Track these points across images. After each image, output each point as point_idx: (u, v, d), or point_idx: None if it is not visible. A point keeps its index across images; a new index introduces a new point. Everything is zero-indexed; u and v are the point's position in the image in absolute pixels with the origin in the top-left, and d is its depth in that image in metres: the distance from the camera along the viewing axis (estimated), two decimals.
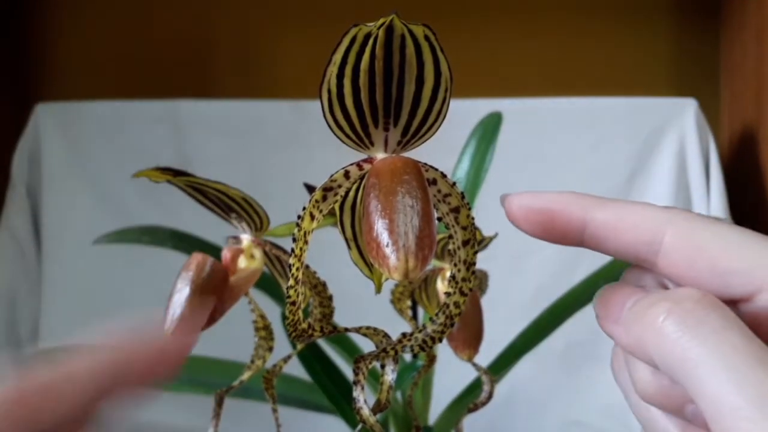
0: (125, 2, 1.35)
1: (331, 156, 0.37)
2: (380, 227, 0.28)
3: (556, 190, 0.31)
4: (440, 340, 0.33)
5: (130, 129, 1.23)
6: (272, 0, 1.34)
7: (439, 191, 0.32)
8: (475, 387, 0.69)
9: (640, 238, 0.29)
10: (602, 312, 0.30)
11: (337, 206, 0.33)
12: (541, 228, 0.31)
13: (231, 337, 0.69)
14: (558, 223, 0.30)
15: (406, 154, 0.32)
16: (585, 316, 0.70)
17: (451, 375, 0.68)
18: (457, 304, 0.33)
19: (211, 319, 0.44)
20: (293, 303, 0.31)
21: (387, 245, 0.28)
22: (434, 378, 0.70)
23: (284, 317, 0.32)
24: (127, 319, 0.27)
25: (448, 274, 0.42)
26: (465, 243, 0.32)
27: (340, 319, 0.50)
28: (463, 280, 0.32)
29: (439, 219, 0.32)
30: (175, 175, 0.42)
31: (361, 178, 0.32)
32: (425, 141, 0.32)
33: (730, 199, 1.14)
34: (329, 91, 0.29)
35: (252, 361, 0.52)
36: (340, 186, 0.32)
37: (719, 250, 0.27)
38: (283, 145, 1.22)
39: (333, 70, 0.28)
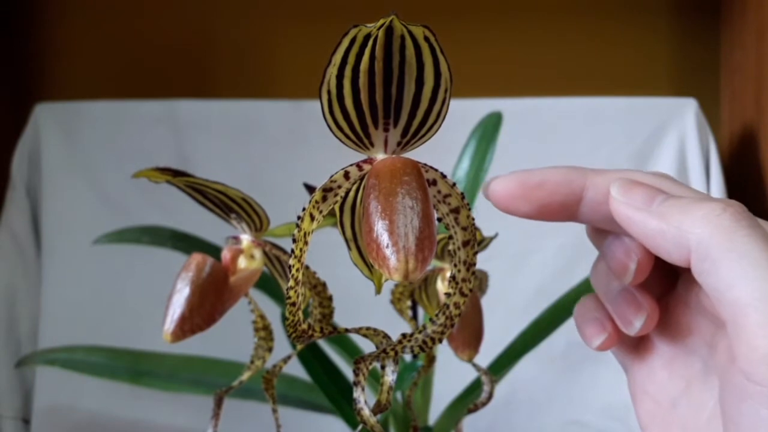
0: (125, 3, 1.35)
1: (331, 156, 0.37)
2: (380, 228, 0.28)
3: (543, 167, 0.31)
4: (440, 341, 0.33)
5: (129, 129, 1.22)
6: (272, 1, 1.34)
7: (439, 192, 0.32)
8: (475, 387, 0.69)
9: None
10: (624, 198, 0.30)
11: (337, 207, 0.33)
12: (538, 204, 0.31)
13: (231, 338, 0.70)
14: (558, 193, 0.31)
15: (406, 155, 0.32)
16: None
17: (451, 375, 0.68)
18: (457, 305, 0.33)
19: (211, 319, 0.44)
20: (293, 303, 0.31)
21: (387, 246, 0.28)
22: (434, 378, 0.70)
23: (284, 318, 0.32)
24: None
25: (448, 274, 0.42)
26: (465, 243, 0.32)
27: (340, 319, 0.50)
28: (463, 280, 0.32)
29: (439, 220, 0.32)
30: (174, 175, 0.42)
31: (361, 178, 0.32)
32: (425, 141, 0.32)
33: (730, 198, 1.14)
34: (329, 92, 0.29)
35: (252, 362, 0.52)
36: (339, 187, 0.32)
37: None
38: (282, 146, 1.22)
39: (333, 70, 0.28)
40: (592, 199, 0.31)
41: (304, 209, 0.31)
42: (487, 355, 0.60)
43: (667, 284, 0.33)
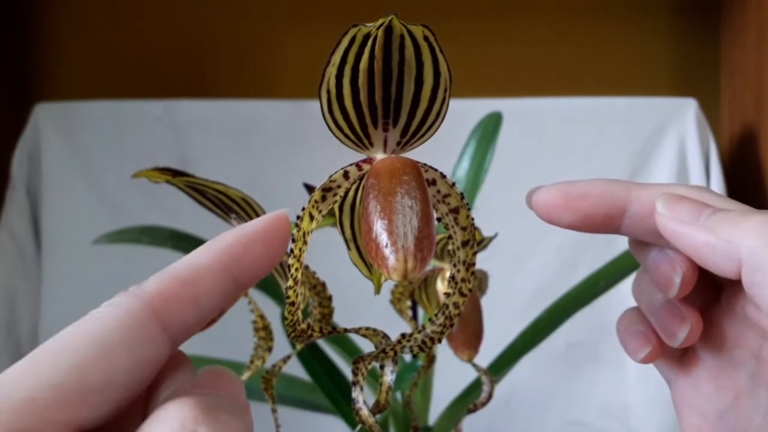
0: (125, 3, 1.35)
1: (331, 156, 0.37)
2: (379, 228, 0.28)
3: (585, 179, 0.31)
4: (440, 341, 0.33)
5: (129, 129, 1.23)
6: (272, 1, 1.34)
7: (438, 192, 0.32)
8: (475, 387, 0.69)
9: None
10: (670, 213, 0.30)
11: (336, 207, 0.33)
12: (582, 215, 0.31)
13: (230, 337, 0.70)
14: (602, 206, 0.31)
15: (405, 155, 0.32)
16: (585, 316, 0.70)
17: (450, 375, 0.68)
18: (456, 305, 0.32)
19: (211, 319, 0.44)
20: (292, 303, 0.31)
21: (386, 246, 0.28)
22: (434, 378, 0.70)
23: (284, 317, 0.32)
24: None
25: (447, 274, 0.42)
26: (464, 243, 0.32)
27: (340, 319, 0.50)
28: (463, 280, 0.32)
29: (439, 219, 0.32)
30: (174, 175, 0.42)
31: (361, 178, 0.32)
32: (425, 141, 0.32)
33: (730, 198, 1.14)
34: (328, 92, 0.29)
35: (251, 362, 0.52)
36: (339, 186, 0.32)
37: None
38: (282, 145, 1.22)
39: (332, 70, 0.28)
40: (635, 212, 0.31)
41: (303, 209, 0.31)
42: (486, 355, 0.60)
43: (711, 296, 0.33)
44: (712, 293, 0.33)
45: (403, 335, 0.33)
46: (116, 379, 0.22)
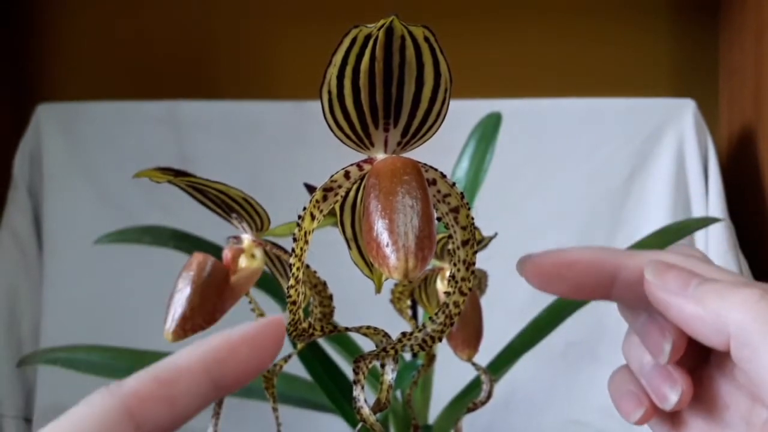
0: (126, 3, 1.36)
1: (332, 156, 0.37)
2: (380, 227, 0.28)
3: (576, 246, 0.32)
4: (440, 340, 0.33)
5: (130, 129, 1.23)
6: (272, 1, 1.34)
7: (438, 191, 0.33)
8: (474, 386, 0.69)
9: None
10: (658, 282, 0.30)
11: (337, 206, 0.33)
12: (572, 284, 0.32)
13: None
14: (591, 274, 0.31)
15: (406, 155, 0.32)
16: (585, 316, 0.70)
17: (450, 374, 0.68)
18: (456, 304, 0.33)
19: (212, 319, 0.44)
20: (294, 302, 0.32)
21: (387, 245, 0.28)
22: (434, 377, 0.71)
23: None
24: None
25: (447, 273, 0.42)
26: (464, 243, 0.33)
27: (341, 318, 0.50)
28: (463, 279, 0.33)
29: (439, 219, 0.33)
30: (175, 175, 0.42)
31: (362, 178, 0.32)
32: (425, 141, 0.32)
33: (728, 199, 1.15)
34: (329, 92, 0.29)
35: None
36: (340, 186, 0.32)
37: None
38: (283, 146, 1.22)
39: (333, 71, 0.29)
40: (625, 280, 0.31)
41: (304, 208, 0.31)
42: (486, 354, 0.60)
43: (701, 356, 0.33)
44: (702, 353, 0.33)
45: (403, 334, 0.34)
46: None
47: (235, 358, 0.25)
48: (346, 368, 0.65)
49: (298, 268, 0.31)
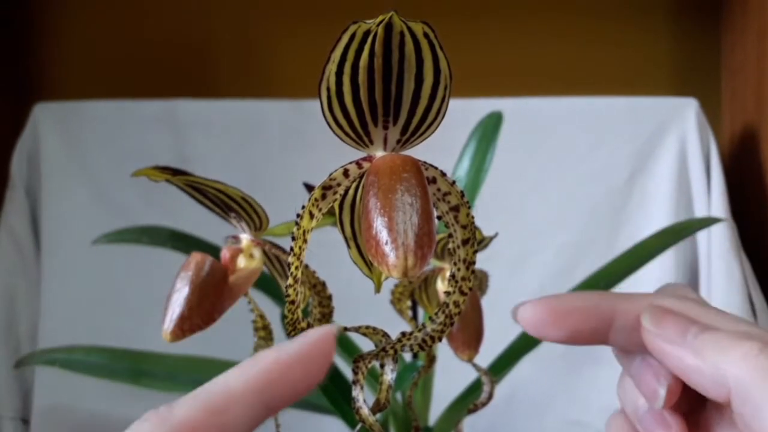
0: (124, 2, 1.35)
1: (331, 155, 0.37)
2: (379, 225, 0.28)
3: (571, 293, 0.32)
4: (440, 340, 0.33)
5: (129, 129, 1.22)
6: (271, 0, 1.34)
7: (438, 190, 0.32)
8: (475, 387, 0.69)
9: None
10: (656, 330, 0.30)
11: (336, 205, 0.33)
12: (569, 331, 0.31)
13: (230, 337, 0.69)
14: (588, 321, 0.31)
15: (405, 153, 0.32)
16: None
17: (451, 375, 0.68)
18: (456, 303, 0.32)
19: (211, 319, 0.44)
20: (292, 302, 0.31)
21: (386, 243, 0.28)
22: (434, 378, 0.70)
23: (284, 317, 0.32)
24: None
25: (447, 273, 0.42)
26: (465, 242, 0.32)
27: (340, 318, 0.49)
28: (463, 279, 0.32)
29: (439, 218, 0.32)
30: (174, 174, 0.42)
31: (361, 176, 0.32)
32: (425, 139, 0.31)
33: (730, 198, 1.14)
34: (328, 89, 0.29)
35: None
36: (339, 184, 0.32)
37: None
38: (282, 145, 1.22)
39: (332, 67, 0.28)
40: (622, 326, 0.31)
41: (303, 207, 0.31)
42: (487, 355, 0.60)
43: (697, 401, 0.32)
44: (699, 396, 0.32)
45: (403, 334, 0.33)
46: None
47: (288, 378, 0.24)
48: (346, 369, 0.65)
49: (296, 267, 0.31)
